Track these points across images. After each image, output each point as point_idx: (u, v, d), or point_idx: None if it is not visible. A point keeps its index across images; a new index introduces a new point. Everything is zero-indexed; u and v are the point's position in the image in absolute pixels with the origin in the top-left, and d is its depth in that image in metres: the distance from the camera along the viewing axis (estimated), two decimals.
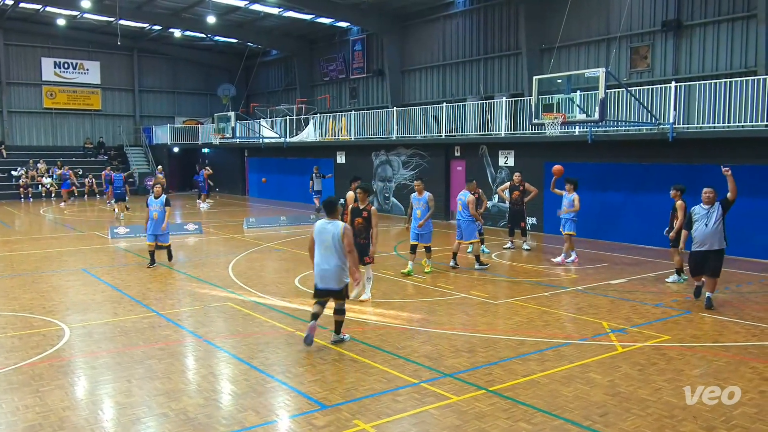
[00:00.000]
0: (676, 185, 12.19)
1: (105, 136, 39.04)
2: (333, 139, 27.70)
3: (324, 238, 7.96)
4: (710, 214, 9.92)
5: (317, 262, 8.01)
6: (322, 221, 8.12)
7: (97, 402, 6.39)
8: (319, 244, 8.02)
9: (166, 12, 31.73)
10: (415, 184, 13.28)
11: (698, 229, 9.99)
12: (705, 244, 9.93)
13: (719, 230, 9.89)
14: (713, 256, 9.91)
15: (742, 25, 18.00)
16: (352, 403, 6.26)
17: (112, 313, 9.79)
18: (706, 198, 10.03)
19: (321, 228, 8.05)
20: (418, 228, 12.79)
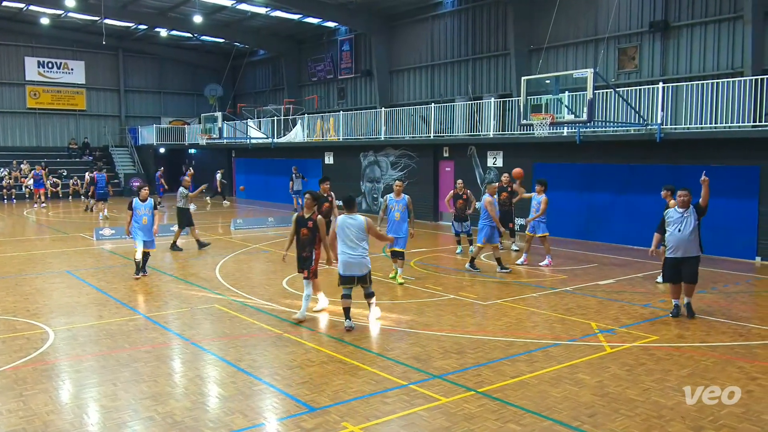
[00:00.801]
0: (666, 186, 12.19)
1: (90, 136, 38.69)
2: (321, 139, 27.63)
3: (348, 232, 8.91)
4: (685, 219, 9.37)
5: (342, 251, 8.98)
6: (344, 216, 9.10)
7: (82, 406, 6.30)
8: (343, 237, 8.95)
9: (152, 11, 31.50)
10: (397, 184, 12.46)
11: (672, 233, 9.47)
12: (680, 250, 9.41)
13: (696, 237, 9.41)
14: (690, 263, 9.43)
15: (728, 26, 18.14)
16: (340, 406, 6.21)
17: (97, 316, 9.67)
18: (680, 201, 9.49)
19: (343, 222, 9.01)
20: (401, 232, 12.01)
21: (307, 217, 9.21)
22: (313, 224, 9.17)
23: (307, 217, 9.22)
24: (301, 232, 9.23)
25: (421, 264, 14.22)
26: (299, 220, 9.28)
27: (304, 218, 9.24)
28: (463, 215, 15.48)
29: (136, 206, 12.57)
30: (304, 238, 9.22)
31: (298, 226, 9.28)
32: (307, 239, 9.20)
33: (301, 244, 9.25)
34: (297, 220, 9.33)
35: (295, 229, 9.32)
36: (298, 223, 9.29)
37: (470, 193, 15.75)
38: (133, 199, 12.72)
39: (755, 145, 14.59)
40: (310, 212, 9.24)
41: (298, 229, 9.27)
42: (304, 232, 9.20)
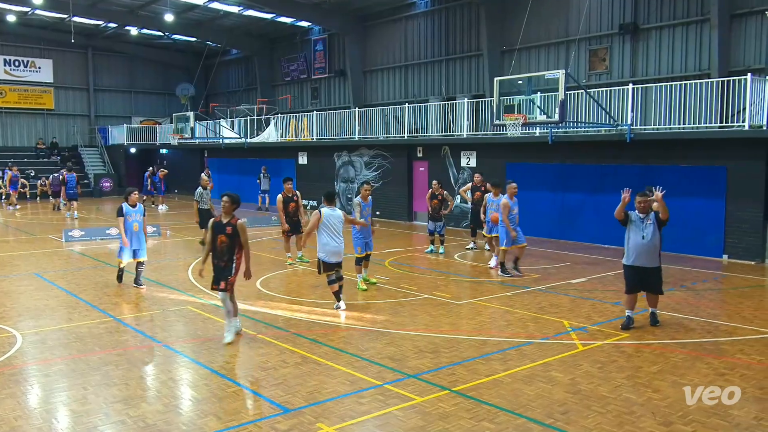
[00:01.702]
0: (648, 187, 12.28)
1: (58, 136, 37.99)
2: (294, 139, 27.51)
3: (333, 224, 9.83)
4: (646, 226, 8.74)
5: (328, 242, 9.79)
6: (328, 209, 9.92)
7: (51, 411, 6.18)
8: (329, 228, 9.81)
9: (122, 9, 31.06)
10: (366, 188, 11.91)
11: (633, 239, 8.81)
12: (640, 259, 8.79)
13: (657, 247, 8.80)
14: (653, 273, 8.87)
15: (695, 28, 18.49)
16: (315, 406, 6.19)
17: (66, 319, 9.50)
18: (639, 207, 8.82)
19: (329, 215, 9.88)
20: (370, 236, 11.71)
21: (225, 222, 8.22)
22: (233, 230, 8.17)
23: (225, 222, 8.22)
24: (218, 239, 8.20)
25: (396, 264, 14.24)
26: (216, 226, 8.26)
27: (221, 223, 8.22)
28: (438, 215, 15.53)
29: (127, 212, 11.33)
30: (222, 246, 8.18)
31: (215, 232, 8.24)
32: (226, 246, 8.18)
33: (219, 253, 8.21)
34: (213, 226, 8.29)
35: (212, 236, 8.28)
36: (214, 229, 8.25)
37: (446, 194, 15.81)
38: (123, 205, 11.43)
39: (722, 146, 14.90)
40: (228, 217, 8.26)
41: (215, 237, 8.23)
42: (222, 239, 8.16)
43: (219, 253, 8.25)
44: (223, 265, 8.24)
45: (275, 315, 9.71)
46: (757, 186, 14.52)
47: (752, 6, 17.15)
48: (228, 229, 8.17)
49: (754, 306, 10.52)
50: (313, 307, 10.18)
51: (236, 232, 8.18)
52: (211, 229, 8.29)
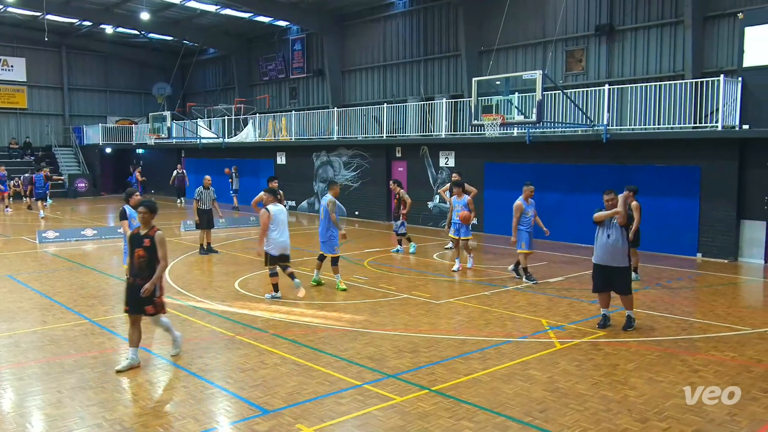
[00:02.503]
0: (628, 186, 12.43)
1: (32, 136, 37.34)
2: (273, 139, 27.38)
3: (281, 219, 10.58)
4: (612, 226, 8.71)
5: (277, 237, 10.49)
6: (275, 206, 10.61)
7: (26, 414, 6.08)
8: (279, 223, 10.52)
9: (97, 7, 30.64)
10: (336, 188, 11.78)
11: (600, 238, 8.81)
12: (605, 258, 8.75)
13: (624, 248, 8.76)
14: (620, 273, 8.79)
15: (670, 30, 18.75)
16: (294, 407, 6.17)
17: (40, 321, 9.35)
18: (607, 205, 8.81)
19: (278, 211, 10.61)
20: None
21: (143, 234, 7.32)
22: (151, 242, 7.26)
23: (144, 233, 7.33)
24: (135, 254, 7.29)
25: (375, 264, 14.24)
26: (134, 239, 7.38)
27: (139, 236, 7.33)
28: (397, 215, 15.63)
29: (131, 215, 10.61)
30: (141, 261, 7.25)
31: (132, 246, 7.36)
32: (145, 262, 7.25)
33: (137, 269, 7.27)
34: (131, 239, 7.44)
35: (130, 250, 7.42)
36: (132, 242, 7.39)
37: (403, 193, 15.80)
38: (125, 207, 10.85)
39: (696, 146, 15.14)
40: (147, 228, 7.35)
41: (132, 251, 7.35)
42: (140, 253, 7.25)
43: (138, 270, 7.27)
44: (140, 282, 7.20)
45: (254, 316, 9.65)
46: (730, 186, 14.78)
47: (725, 8, 17.44)
48: (146, 242, 7.25)
49: (727, 303, 10.70)
50: (292, 307, 10.14)
51: (154, 245, 7.26)
52: (131, 242, 7.44)
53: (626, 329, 8.87)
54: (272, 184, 13.71)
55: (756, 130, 14.08)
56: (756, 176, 14.55)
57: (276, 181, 13.98)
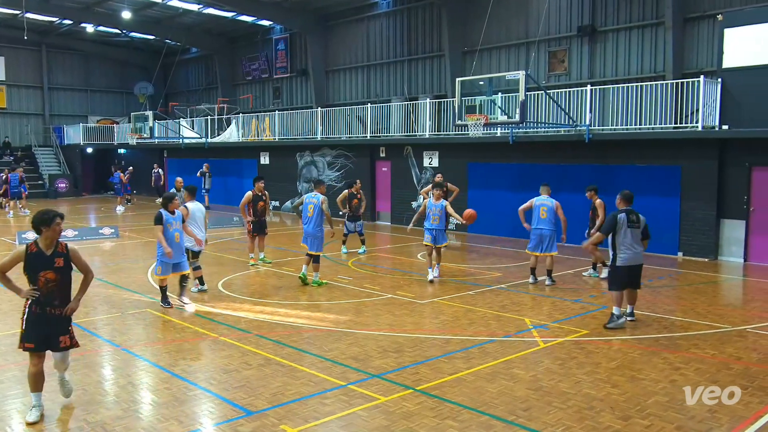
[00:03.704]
0: (589, 186, 12.75)
1: (11, 135, 36.86)
2: (256, 139, 27.27)
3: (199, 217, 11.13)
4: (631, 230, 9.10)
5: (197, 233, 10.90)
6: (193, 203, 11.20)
7: (5, 418, 6.00)
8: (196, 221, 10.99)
9: (78, 6, 30.32)
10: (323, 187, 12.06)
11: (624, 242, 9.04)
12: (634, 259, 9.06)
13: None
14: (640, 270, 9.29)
15: (651, 31, 18.94)
16: (278, 408, 6.14)
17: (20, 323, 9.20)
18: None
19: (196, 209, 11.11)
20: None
21: (51, 253, 5.85)
22: (65, 260, 5.90)
23: (51, 252, 5.85)
24: (40, 279, 5.81)
25: (359, 264, 14.23)
26: (33, 261, 5.81)
27: (44, 255, 5.81)
28: (357, 215, 15.72)
29: (167, 220, 9.83)
30: (51, 287, 5.83)
31: (35, 270, 5.82)
32: (56, 286, 5.85)
33: (48, 297, 5.84)
34: (30, 261, 5.83)
35: (31, 276, 5.85)
36: (34, 265, 5.82)
37: (362, 194, 16.12)
38: (161, 212, 9.89)
39: (676, 146, 15.30)
40: (53, 246, 5.88)
41: (35, 277, 5.82)
42: (49, 276, 5.81)
43: (48, 297, 5.84)
44: (57, 312, 5.93)
45: (237, 317, 9.60)
46: (710, 185, 14.95)
47: (704, 10, 17.65)
48: (58, 261, 5.83)
49: (707, 302, 10.83)
50: (276, 308, 10.11)
51: (69, 262, 5.93)
52: (29, 267, 5.82)
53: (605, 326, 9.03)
54: (258, 185, 13.72)
55: (735, 131, 14.27)
56: (735, 176, 14.73)
57: (262, 181, 13.96)
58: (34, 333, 5.92)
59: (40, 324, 5.91)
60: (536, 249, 12.10)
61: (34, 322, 5.90)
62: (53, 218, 5.88)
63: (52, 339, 6.00)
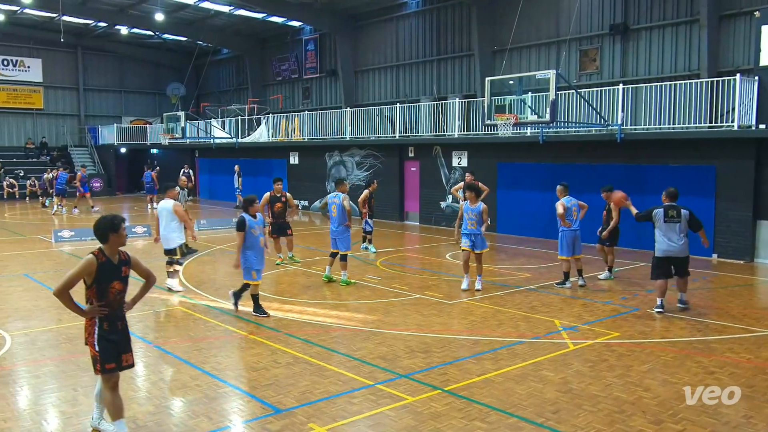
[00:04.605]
0: (604, 186, 12.55)
1: (48, 136, 37.76)
2: (286, 139, 27.46)
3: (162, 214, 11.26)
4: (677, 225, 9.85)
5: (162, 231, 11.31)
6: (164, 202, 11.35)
7: (41, 412, 6.15)
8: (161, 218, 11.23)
9: (112, 8, 30.90)
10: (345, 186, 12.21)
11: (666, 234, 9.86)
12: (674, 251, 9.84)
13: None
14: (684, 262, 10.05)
15: (685, 29, 18.60)
16: (307, 407, 6.18)
17: (56, 320, 9.44)
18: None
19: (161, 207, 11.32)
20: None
21: (117, 262, 5.43)
22: (129, 269, 5.55)
23: (117, 261, 5.43)
24: (110, 290, 5.37)
25: (387, 264, 14.24)
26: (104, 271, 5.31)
27: (112, 264, 5.38)
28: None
29: (251, 224, 9.42)
30: (120, 298, 5.49)
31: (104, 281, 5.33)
32: (123, 297, 5.53)
33: (118, 308, 5.49)
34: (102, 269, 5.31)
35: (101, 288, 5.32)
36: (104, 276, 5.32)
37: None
38: (244, 216, 9.45)
39: (711, 146, 15.00)
40: (116, 252, 5.45)
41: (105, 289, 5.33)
42: (118, 287, 5.43)
43: (118, 310, 5.49)
44: (123, 326, 5.57)
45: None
46: (746, 185, 14.62)
47: (741, 7, 17.27)
48: (124, 270, 5.47)
49: (743, 305, 10.60)
50: (304, 306, 10.17)
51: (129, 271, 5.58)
52: (99, 277, 5.30)
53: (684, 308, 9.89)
54: (276, 186, 13.81)
55: None
56: None
57: (280, 182, 14.01)
58: (111, 351, 5.39)
59: (113, 341, 5.42)
60: (575, 252, 11.79)
61: (108, 339, 5.39)
62: (121, 223, 5.45)
63: (125, 354, 5.55)
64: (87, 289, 5.32)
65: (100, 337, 5.34)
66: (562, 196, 11.92)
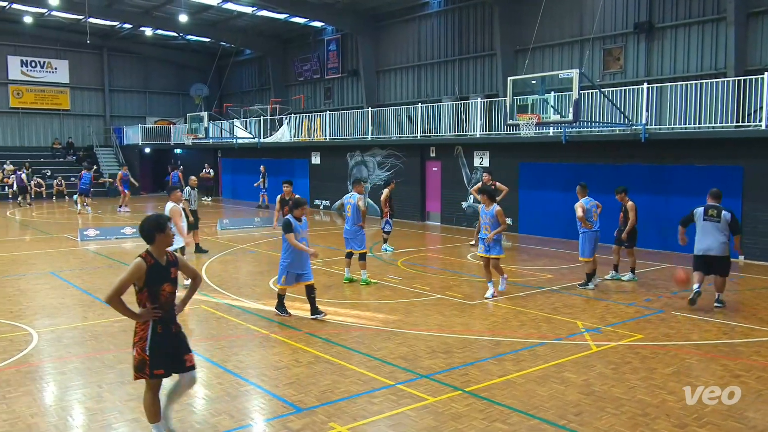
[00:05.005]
0: (618, 188, 12.36)
1: (74, 136, 38.37)
2: (308, 139, 27.59)
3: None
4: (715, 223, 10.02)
5: None
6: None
7: (67, 408, 6.24)
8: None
9: (137, 10, 31.29)
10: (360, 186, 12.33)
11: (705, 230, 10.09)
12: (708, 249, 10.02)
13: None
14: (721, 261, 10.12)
15: (712, 27, 18.32)
16: (327, 406, 6.20)
17: (81, 317, 9.59)
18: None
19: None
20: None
21: (165, 263, 5.27)
22: (176, 269, 5.38)
23: (165, 262, 5.26)
24: (162, 292, 5.21)
25: (408, 264, 14.23)
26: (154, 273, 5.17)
27: (161, 266, 5.22)
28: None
29: (296, 228, 9.15)
30: (171, 300, 5.33)
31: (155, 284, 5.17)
32: (173, 298, 5.36)
33: (170, 310, 5.33)
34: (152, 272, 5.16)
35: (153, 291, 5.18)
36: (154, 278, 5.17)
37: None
38: (289, 218, 9.21)
39: (738, 146, 14.75)
40: (164, 253, 5.29)
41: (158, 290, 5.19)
42: (169, 288, 5.26)
43: (170, 313, 5.33)
44: (177, 329, 5.40)
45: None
46: None
47: None
48: (173, 272, 5.30)
49: None
50: (325, 306, 10.19)
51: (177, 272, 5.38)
52: (149, 280, 5.14)
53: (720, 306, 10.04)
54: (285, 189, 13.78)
55: None
56: None
57: (288, 185, 13.98)
58: (162, 356, 5.21)
59: (167, 344, 5.24)
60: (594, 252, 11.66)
61: (161, 343, 5.20)
62: (167, 222, 5.28)
63: (177, 360, 5.31)
64: (138, 293, 5.18)
65: (153, 341, 5.19)
66: (581, 197, 11.74)
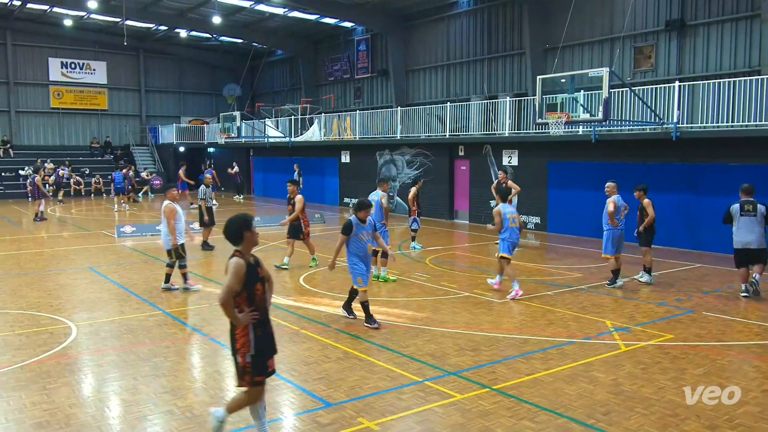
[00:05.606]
0: (638, 185, 12.16)
1: (111, 135, 39.27)
2: (338, 138, 27.78)
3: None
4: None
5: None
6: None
7: (104, 399, 6.45)
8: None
9: (172, 12, 31.86)
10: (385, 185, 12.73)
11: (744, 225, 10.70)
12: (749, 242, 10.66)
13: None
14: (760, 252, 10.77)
15: (745, 24, 17.98)
16: (356, 401, 6.30)
17: (118, 311, 9.86)
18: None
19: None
20: None
21: (254, 262, 5.19)
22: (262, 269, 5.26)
23: (254, 261, 5.19)
24: (256, 291, 5.10)
25: (436, 261, 14.28)
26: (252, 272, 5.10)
27: (252, 265, 5.14)
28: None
29: (358, 230, 8.79)
30: (265, 298, 5.22)
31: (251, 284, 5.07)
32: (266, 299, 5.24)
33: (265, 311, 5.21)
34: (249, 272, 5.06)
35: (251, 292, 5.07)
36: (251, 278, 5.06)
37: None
38: (351, 220, 8.82)
39: None
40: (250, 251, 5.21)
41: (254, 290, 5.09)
42: (261, 288, 5.15)
43: (266, 314, 5.21)
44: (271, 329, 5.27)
45: (318, 311, 9.88)
46: None
47: None
48: (260, 272, 5.18)
49: None
50: (355, 303, 10.30)
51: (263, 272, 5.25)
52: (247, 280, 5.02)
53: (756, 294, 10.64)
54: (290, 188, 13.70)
55: None
56: None
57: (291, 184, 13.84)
58: (262, 363, 5.09)
59: (268, 346, 5.16)
60: (618, 251, 11.61)
61: (263, 347, 5.09)
62: (252, 220, 5.15)
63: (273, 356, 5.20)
64: (236, 296, 4.99)
65: (256, 345, 5.04)
66: (613, 194, 11.62)
